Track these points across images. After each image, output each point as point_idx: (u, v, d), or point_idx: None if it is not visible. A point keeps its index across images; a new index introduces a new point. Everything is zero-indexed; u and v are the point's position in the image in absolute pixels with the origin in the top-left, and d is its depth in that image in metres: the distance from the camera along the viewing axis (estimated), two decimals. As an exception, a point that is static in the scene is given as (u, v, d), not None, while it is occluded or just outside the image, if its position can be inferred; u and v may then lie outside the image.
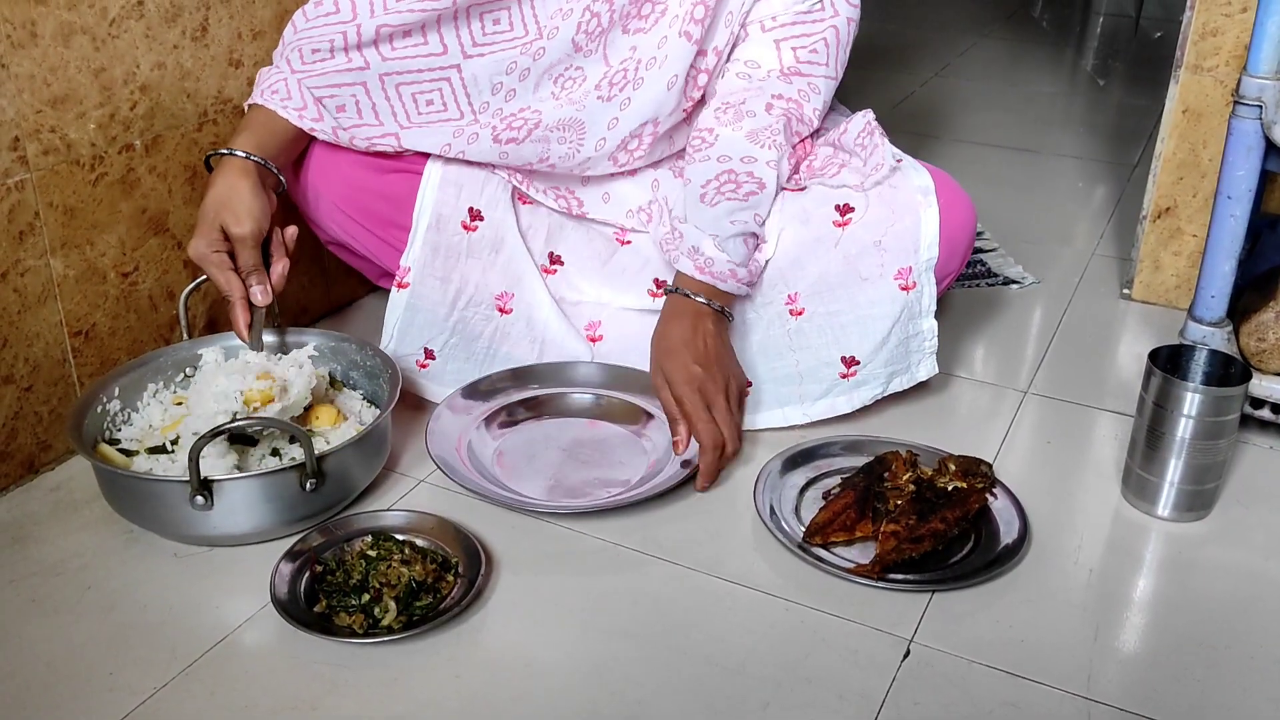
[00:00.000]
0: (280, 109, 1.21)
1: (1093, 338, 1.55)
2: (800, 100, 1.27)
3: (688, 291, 1.22)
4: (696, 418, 1.16)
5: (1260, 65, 1.14)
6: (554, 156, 1.30)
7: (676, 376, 1.18)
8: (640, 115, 1.29)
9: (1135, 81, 2.78)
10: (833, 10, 1.29)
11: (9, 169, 1.10)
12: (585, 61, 1.27)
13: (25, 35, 1.08)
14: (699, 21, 1.25)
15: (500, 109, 1.28)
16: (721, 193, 1.23)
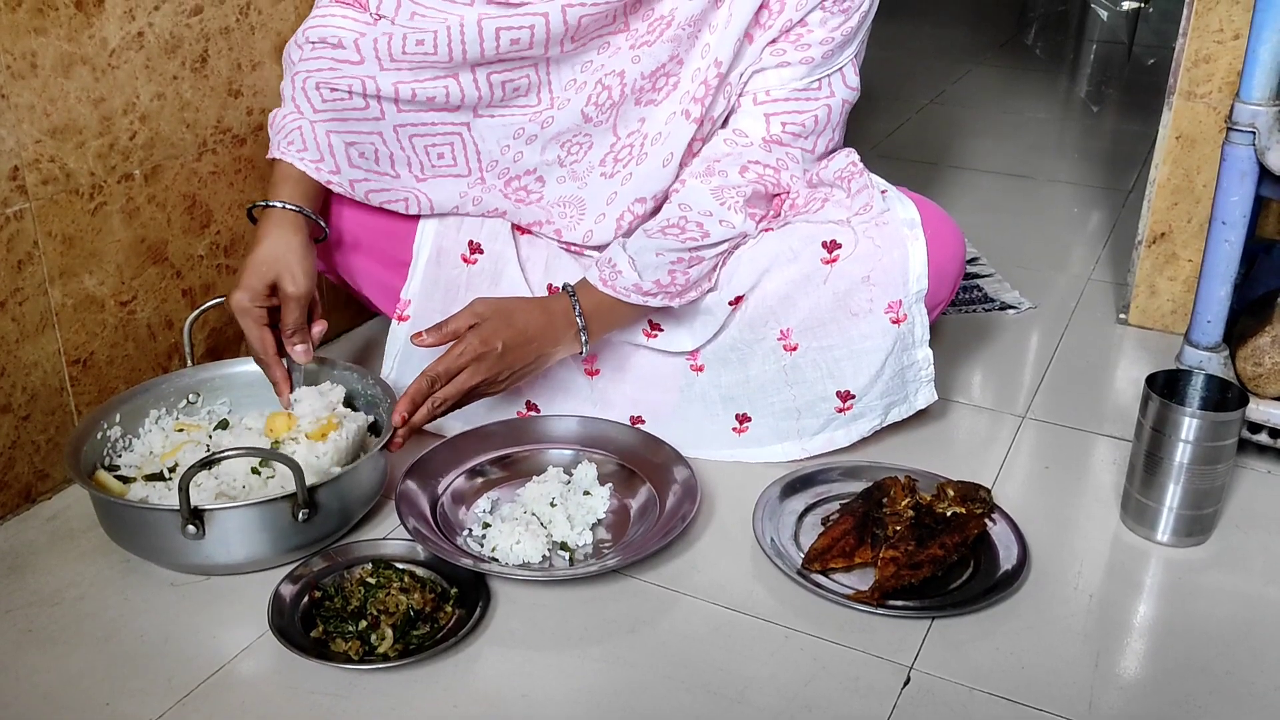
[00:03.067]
0: (298, 161, 1.21)
1: (1090, 363, 1.55)
2: (777, 168, 1.27)
3: (576, 297, 1.21)
4: (450, 355, 1.14)
5: (1253, 92, 1.15)
6: (558, 223, 1.32)
7: (486, 327, 1.15)
8: (636, 191, 1.29)
9: (1129, 107, 2.80)
10: (829, 91, 1.27)
11: (8, 198, 1.10)
12: (595, 131, 1.28)
13: (25, 66, 1.09)
14: (699, 100, 1.25)
15: (507, 169, 1.30)
16: (665, 232, 1.22)
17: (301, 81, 1.20)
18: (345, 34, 1.20)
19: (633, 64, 1.23)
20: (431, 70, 1.21)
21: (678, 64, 1.24)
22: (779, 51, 1.24)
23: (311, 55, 1.21)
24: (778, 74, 1.25)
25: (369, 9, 1.23)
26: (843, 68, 1.27)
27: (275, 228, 1.17)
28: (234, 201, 1.36)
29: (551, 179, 1.30)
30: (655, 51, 1.22)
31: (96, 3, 1.14)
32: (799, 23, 1.23)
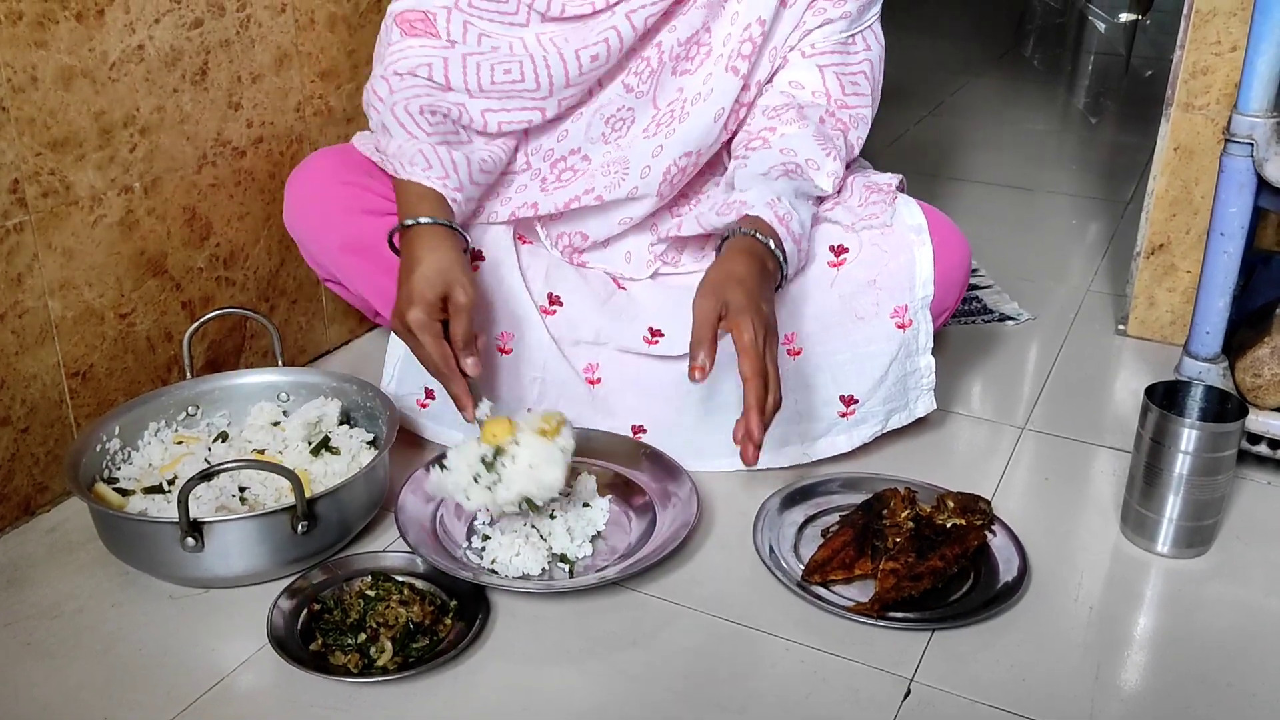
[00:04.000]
0: (426, 180, 1.19)
1: (1089, 374, 1.55)
2: (848, 125, 1.31)
3: (757, 234, 1.15)
4: (752, 350, 1.04)
5: (1250, 103, 1.15)
6: (599, 188, 1.31)
7: (743, 303, 1.05)
8: (684, 144, 1.29)
9: (1127, 119, 2.80)
10: (865, 45, 1.33)
11: (8, 211, 1.10)
12: (637, 104, 1.29)
13: (26, 79, 1.09)
14: (746, 58, 1.27)
15: (552, 149, 1.31)
16: (787, 174, 1.22)
17: (403, 109, 1.21)
18: (435, 62, 1.22)
19: (669, 32, 1.26)
20: (520, 100, 1.25)
21: (707, 31, 1.28)
22: (820, 10, 1.29)
23: (404, 86, 1.22)
24: (821, 31, 1.30)
25: (441, 36, 1.24)
26: (872, 24, 1.34)
27: (433, 242, 1.15)
28: (233, 214, 1.36)
29: (596, 155, 1.32)
30: (690, 18, 1.26)
31: (97, 16, 1.14)
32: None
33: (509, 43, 1.26)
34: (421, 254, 1.14)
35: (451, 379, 1.12)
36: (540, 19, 1.26)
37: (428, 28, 1.24)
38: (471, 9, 1.25)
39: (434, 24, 1.24)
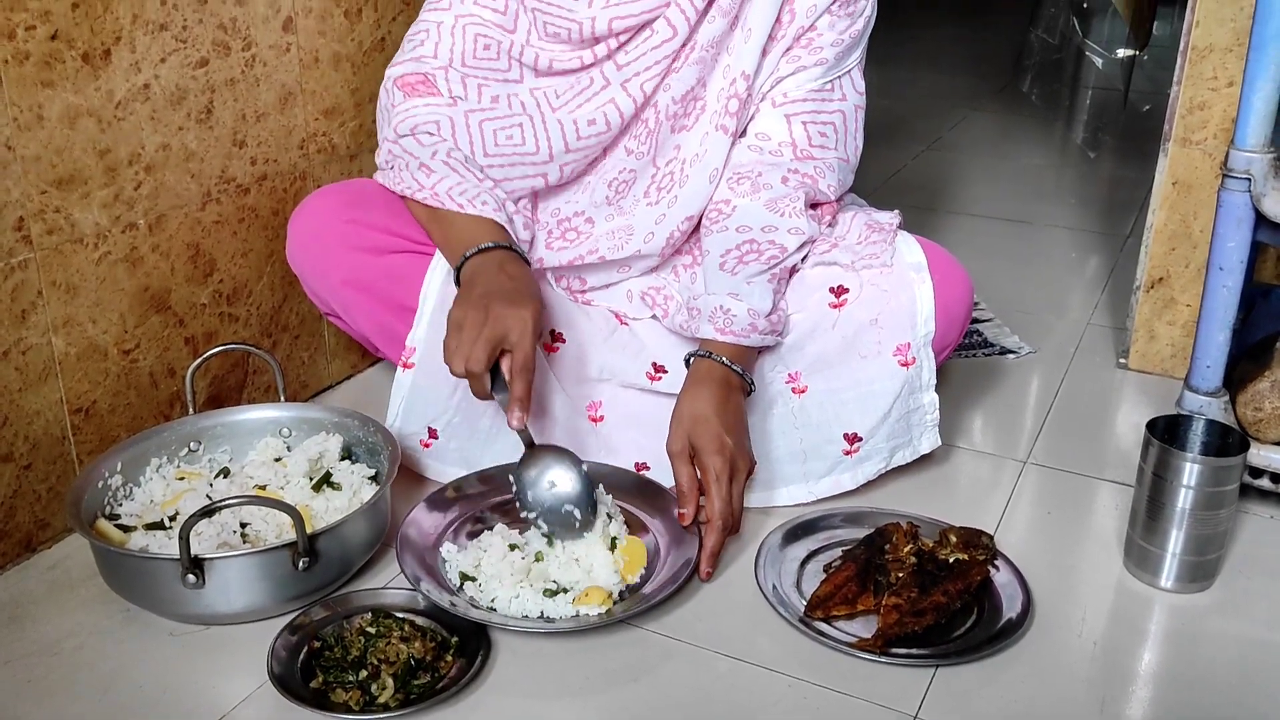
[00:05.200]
0: (497, 219, 1.21)
1: (1090, 407, 1.55)
2: (815, 176, 1.30)
3: (711, 354, 1.21)
4: (719, 493, 1.13)
5: (1247, 139, 1.16)
6: (603, 249, 1.33)
7: (708, 445, 1.14)
8: (685, 210, 1.32)
9: (1125, 153, 2.82)
10: (841, 94, 1.32)
11: (13, 248, 1.11)
12: (638, 165, 1.31)
13: (32, 118, 1.10)
14: (734, 114, 1.29)
15: (558, 209, 1.33)
16: (743, 261, 1.25)
17: (445, 154, 1.24)
18: (442, 120, 1.25)
19: (664, 92, 1.28)
20: (522, 168, 1.28)
21: (702, 86, 1.29)
22: (794, 58, 1.29)
23: (432, 142, 1.25)
24: (794, 79, 1.30)
25: (443, 94, 1.26)
26: (850, 71, 1.33)
27: (513, 263, 1.16)
28: (237, 250, 1.37)
29: (600, 218, 1.34)
30: (684, 75, 1.27)
31: (103, 56, 1.15)
32: (809, 28, 1.28)
33: (507, 96, 1.28)
34: (508, 276, 1.14)
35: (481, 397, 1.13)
36: (534, 74, 1.29)
37: (429, 88, 1.26)
38: (466, 68, 1.27)
39: (434, 84, 1.27)
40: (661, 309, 1.35)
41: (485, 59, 1.28)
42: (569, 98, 1.28)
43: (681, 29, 1.23)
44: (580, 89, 1.28)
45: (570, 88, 1.28)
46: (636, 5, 1.23)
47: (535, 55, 1.27)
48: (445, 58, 1.27)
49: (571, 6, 1.24)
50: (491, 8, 1.27)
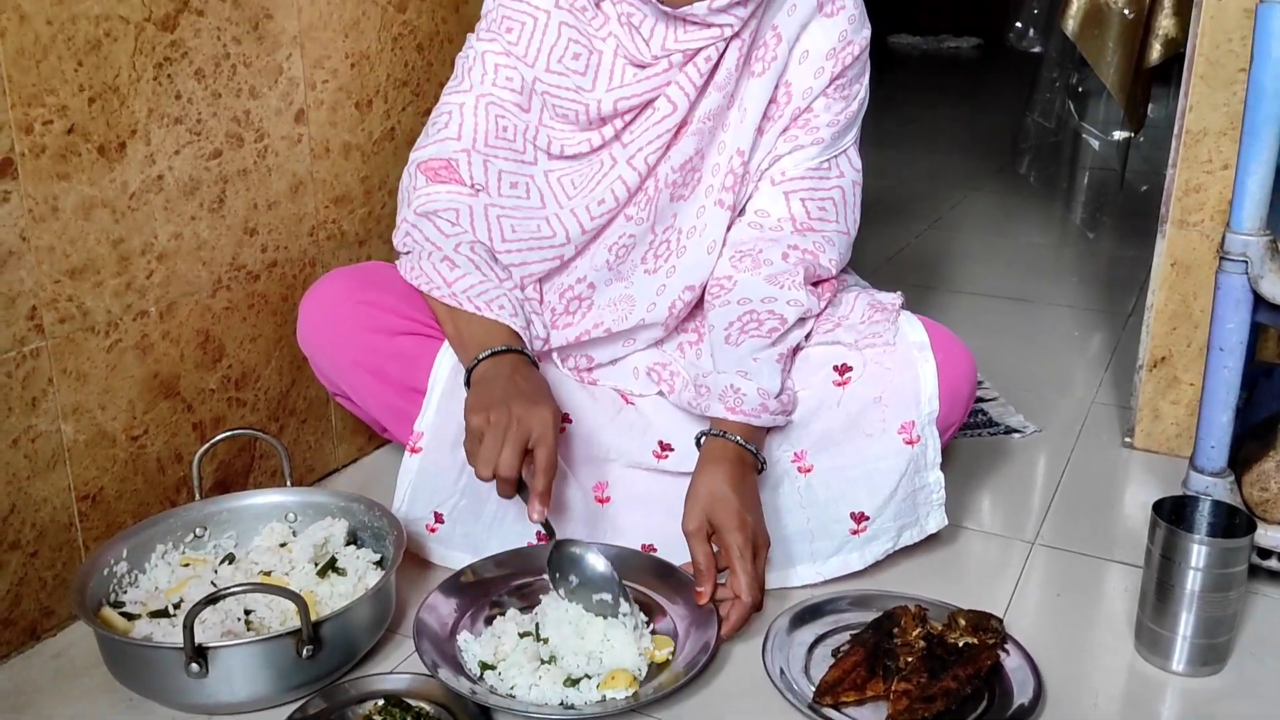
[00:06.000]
0: (512, 324, 1.22)
1: (1097, 487, 1.55)
2: (815, 251, 1.32)
3: (725, 433, 1.22)
4: (743, 569, 1.13)
5: (1243, 222, 1.18)
6: (607, 322, 1.35)
7: (729, 522, 1.14)
8: (685, 280, 1.34)
9: (1124, 233, 2.84)
10: (839, 171, 1.35)
11: (25, 337, 1.12)
12: (637, 230, 1.33)
13: (47, 210, 1.12)
14: (730, 189, 1.32)
15: (561, 281, 1.35)
16: (745, 331, 1.26)
17: (469, 247, 1.26)
18: (461, 209, 1.28)
19: (664, 163, 1.30)
20: (540, 252, 1.30)
21: (700, 158, 1.32)
22: (792, 137, 1.32)
23: (455, 231, 1.27)
24: (792, 158, 1.32)
25: (465, 181, 1.30)
26: (847, 149, 1.36)
27: (526, 369, 1.18)
28: (246, 336, 1.39)
29: (601, 283, 1.35)
30: (682, 146, 1.30)
31: (118, 149, 1.18)
32: (806, 109, 1.31)
33: (525, 182, 1.31)
34: (524, 377, 1.16)
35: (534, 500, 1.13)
36: (547, 157, 1.32)
37: (451, 174, 1.29)
38: (488, 149, 1.30)
39: (457, 170, 1.30)
40: (668, 385, 1.36)
41: (504, 140, 1.31)
42: (582, 184, 1.31)
43: (681, 104, 1.27)
44: (591, 173, 1.31)
45: (582, 173, 1.31)
46: (639, 85, 1.26)
47: (548, 138, 1.30)
48: (468, 139, 1.30)
49: (579, 89, 1.28)
50: (509, 88, 1.30)
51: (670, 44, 1.24)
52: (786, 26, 1.28)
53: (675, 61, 1.25)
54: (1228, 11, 1.43)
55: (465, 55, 1.33)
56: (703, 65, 1.25)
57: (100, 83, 1.15)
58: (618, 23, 1.26)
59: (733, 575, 1.14)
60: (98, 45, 1.14)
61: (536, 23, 1.28)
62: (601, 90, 1.28)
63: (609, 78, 1.28)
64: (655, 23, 1.25)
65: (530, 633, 1.13)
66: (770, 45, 1.28)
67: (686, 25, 1.23)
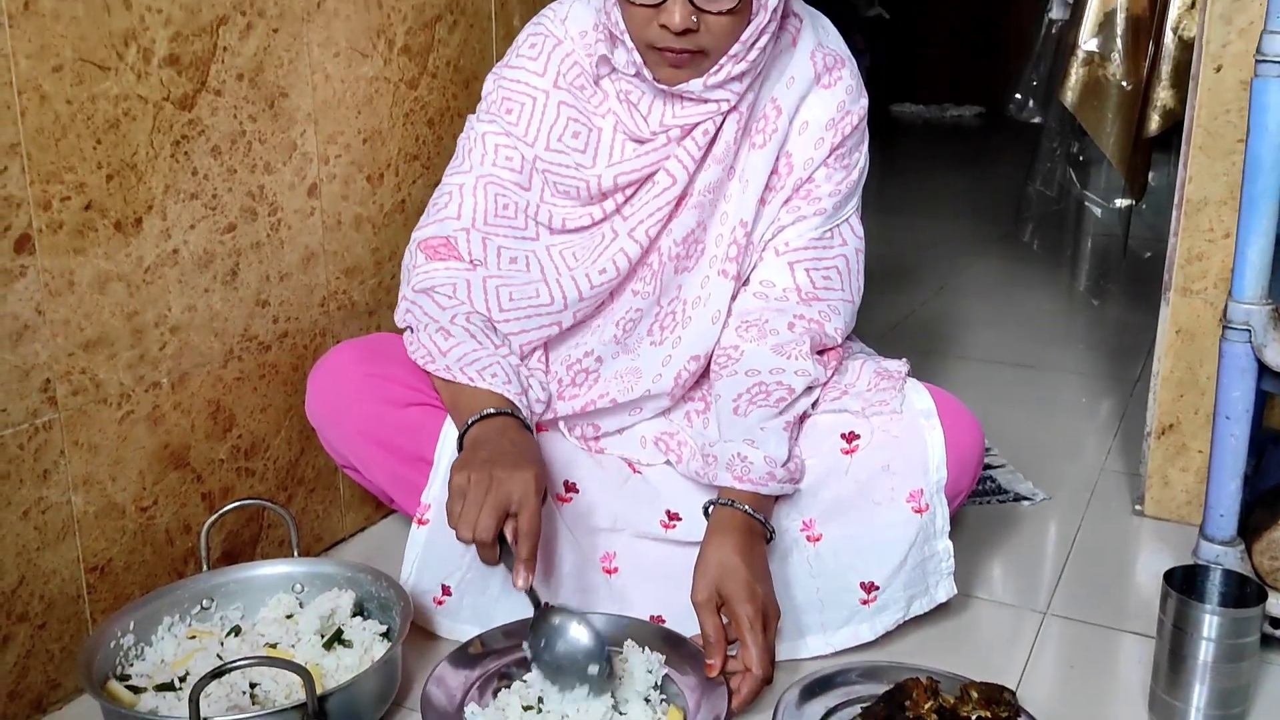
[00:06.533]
0: (506, 393, 1.22)
1: (1109, 556, 1.54)
2: (821, 320, 1.33)
3: (733, 502, 1.22)
4: (754, 641, 1.13)
5: (1245, 291, 1.19)
6: (613, 392, 1.36)
7: (739, 593, 1.14)
8: (690, 350, 1.35)
9: (1129, 299, 2.86)
10: (841, 240, 1.36)
11: (38, 410, 1.13)
12: (643, 304, 1.35)
13: (63, 284, 1.14)
14: (734, 260, 1.33)
15: (569, 354, 1.36)
16: (753, 403, 1.26)
17: (465, 318, 1.27)
18: (459, 283, 1.30)
19: (666, 236, 1.32)
20: (538, 319, 1.32)
21: (702, 230, 1.33)
22: (794, 208, 1.33)
23: (451, 304, 1.29)
24: (795, 228, 1.34)
25: (464, 258, 1.32)
26: (849, 218, 1.37)
27: (515, 430, 1.18)
28: (256, 406, 1.40)
29: (608, 357, 1.37)
30: (684, 218, 1.31)
31: (135, 224, 1.20)
32: (807, 179, 1.33)
33: (525, 256, 1.33)
34: (514, 440, 1.16)
35: (519, 570, 1.12)
36: (549, 232, 1.33)
37: (450, 251, 1.31)
38: (488, 226, 1.32)
39: (456, 247, 1.31)
40: (675, 454, 1.36)
41: (504, 218, 1.33)
42: (584, 255, 1.32)
43: (680, 177, 1.28)
44: (593, 245, 1.33)
45: (583, 244, 1.33)
46: (639, 160, 1.29)
47: (550, 214, 1.32)
48: (468, 219, 1.32)
49: (579, 166, 1.30)
50: (509, 168, 1.33)
51: (668, 119, 1.27)
52: (785, 98, 1.31)
53: (673, 136, 1.27)
54: (1224, 84, 1.45)
55: (466, 136, 1.36)
56: (700, 139, 1.27)
57: (118, 160, 1.17)
58: (616, 100, 1.29)
59: (743, 647, 1.14)
60: (116, 124, 1.16)
61: (535, 103, 1.31)
62: (602, 166, 1.30)
63: (609, 153, 1.30)
64: (653, 99, 1.28)
65: (533, 706, 1.12)
66: (770, 117, 1.31)
67: (683, 101, 1.26)
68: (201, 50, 1.24)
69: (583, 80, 1.31)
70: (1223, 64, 1.44)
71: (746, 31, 1.21)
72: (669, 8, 1.17)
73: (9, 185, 1.08)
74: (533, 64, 1.32)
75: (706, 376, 1.38)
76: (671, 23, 1.17)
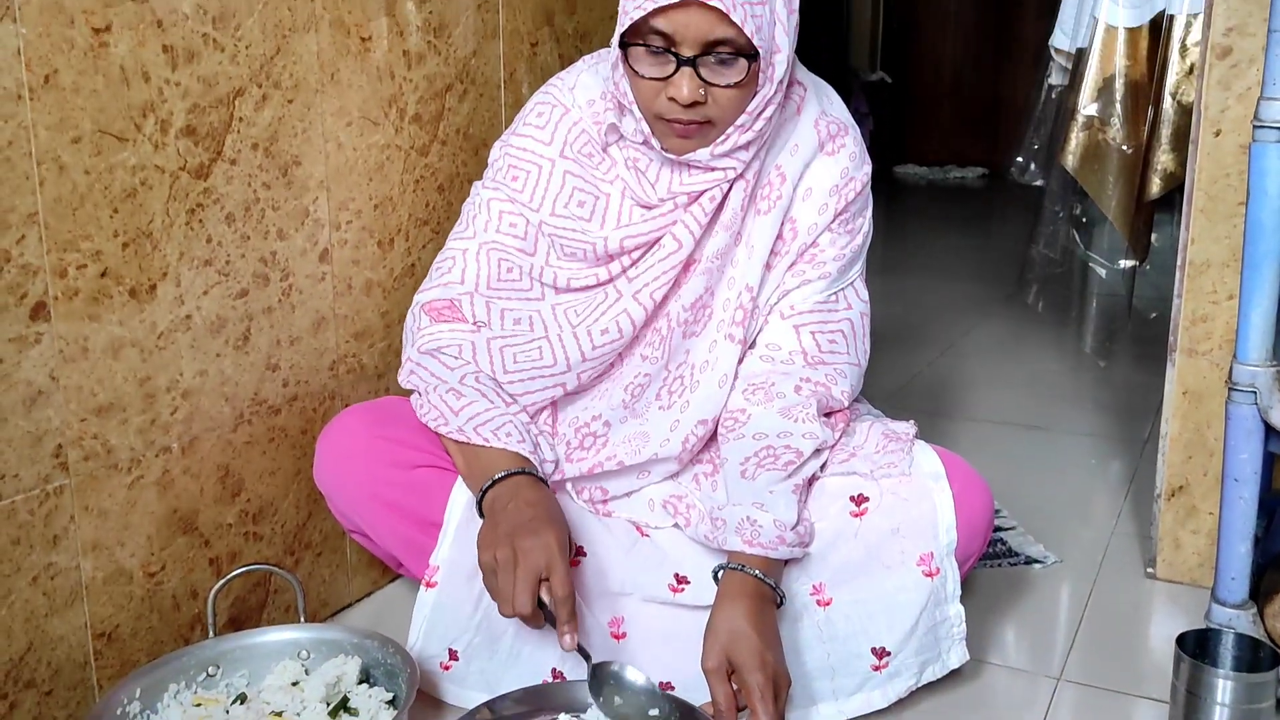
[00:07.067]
0: (521, 450, 1.23)
1: (1121, 619, 1.52)
2: (827, 383, 1.33)
3: (743, 566, 1.21)
4: (765, 710, 1.11)
5: (1249, 354, 1.19)
6: (621, 455, 1.36)
7: (749, 662, 1.13)
8: (698, 414, 1.35)
9: (1136, 359, 2.86)
10: (846, 304, 1.37)
11: (49, 475, 1.14)
12: (652, 369, 1.35)
13: (77, 350, 1.15)
14: (740, 324, 1.34)
15: (576, 417, 1.36)
16: (761, 466, 1.26)
17: (474, 378, 1.28)
18: (464, 344, 1.31)
19: (675, 301, 1.33)
20: (542, 380, 1.32)
21: (710, 295, 1.34)
22: (799, 272, 1.34)
23: (459, 365, 1.30)
24: (800, 292, 1.35)
25: (468, 320, 1.33)
26: (854, 282, 1.38)
27: (530, 489, 1.19)
28: (265, 469, 1.40)
29: (616, 421, 1.37)
30: (693, 284, 1.32)
31: (149, 290, 1.22)
32: (812, 244, 1.34)
33: (529, 316, 1.34)
34: (532, 500, 1.17)
35: (564, 632, 1.13)
36: (554, 292, 1.35)
37: (454, 314, 1.33)
38: (491, 290, 1.34)
39: (459, 309, 1.33)
40: (683, 517, 1.36)
41: (508, 281, 1.34)
42: (586, 313, 1.33)
43: (687, 243, 1.30)
44: (597, 304, 1.34)
45: (587, 303, 1.34)
46: (645, 225, 1.30)
47: (554, 275, 1.34)
48: (471, 283, 1.34)
49: (585, 229, 1.32)
50: (513, 234, 1.34)
51: (675, 186, 1.29)
52: (790, 166, 1.33)
53: (680, 202, 1.29)
54: (1224, 147, 1.47)
55: (471, 202, 1.38)
56: (707, 205, 1.29)
57: (134, 228, 1.19)
58: (624, 166, 1.31)
59: (754, 716, 1.12)
60: (133, 193, 1.18)
61: (541, 170, 1.33)
62: (609, 229, 1.32)
63: (616, 217, 1.32)
64: (660, 166, 1.30)
65: None
66: (775, 184, 1.33)
67: (690, 170, 1.28)
68: (218, 121, 1.26)
69: (590, 148, 1.33)
70: (1221, 128, 1.46)
71: (753, 103, 1.23)
72: (677, 81, 1.19)
73: (26, 253, 1.09)
74: (539, 133, 1.34)
75: (715, 439, 1.39)
76: (680, 95, 1.19)
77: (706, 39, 1.17)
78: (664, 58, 1.19)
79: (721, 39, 1.17)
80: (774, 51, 1.22)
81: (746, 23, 1.16)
